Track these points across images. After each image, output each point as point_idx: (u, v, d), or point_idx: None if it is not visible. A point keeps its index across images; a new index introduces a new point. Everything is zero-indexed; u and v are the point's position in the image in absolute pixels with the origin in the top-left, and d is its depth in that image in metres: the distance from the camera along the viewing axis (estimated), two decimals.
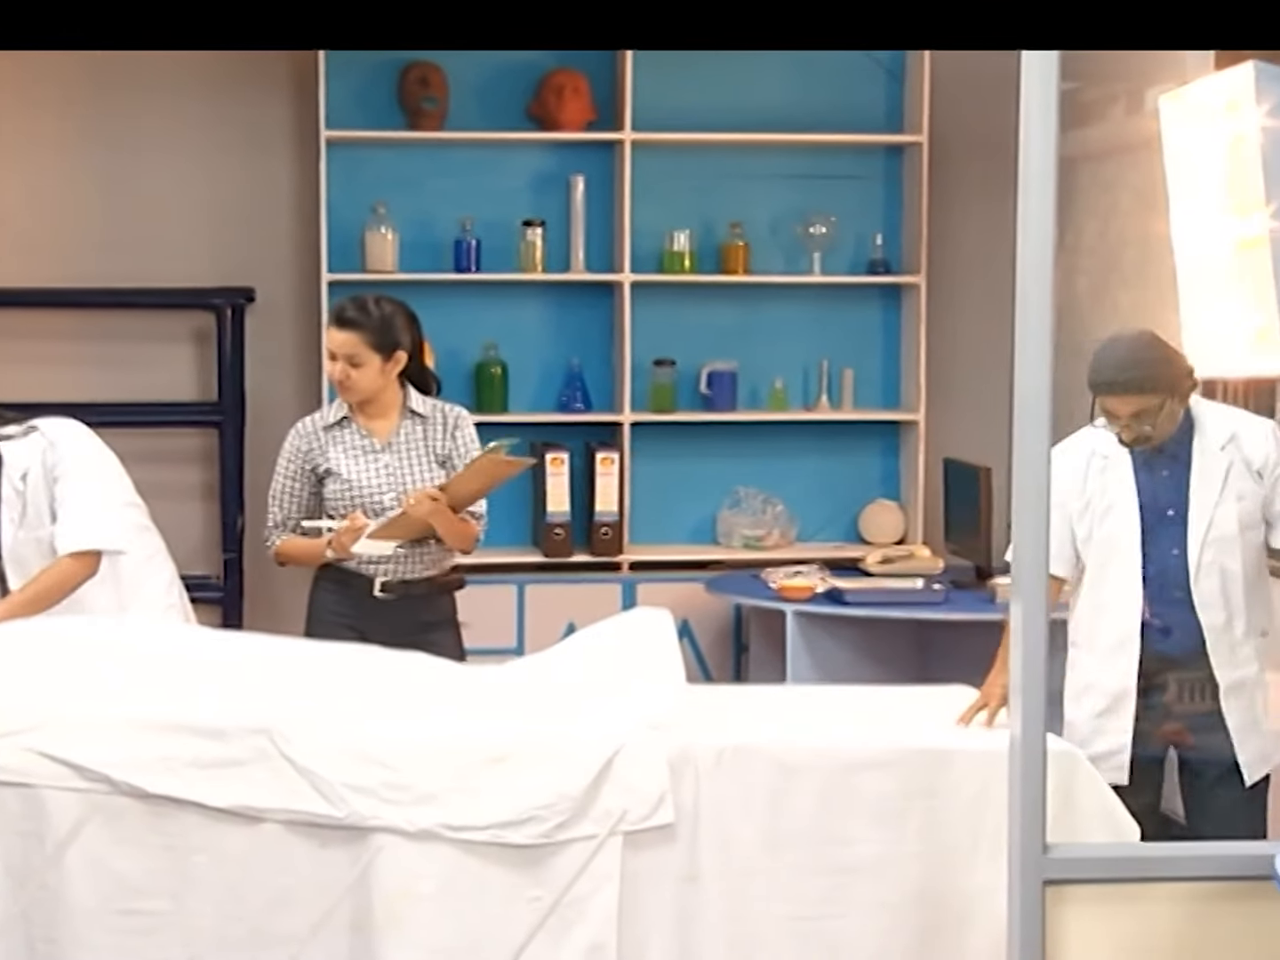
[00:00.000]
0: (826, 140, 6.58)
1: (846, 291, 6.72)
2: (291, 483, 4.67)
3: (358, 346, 4.52)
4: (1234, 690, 4.14)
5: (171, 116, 6.50)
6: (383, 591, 4.61)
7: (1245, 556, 4.13)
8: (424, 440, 4.65)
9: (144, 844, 3.64)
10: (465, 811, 3.64)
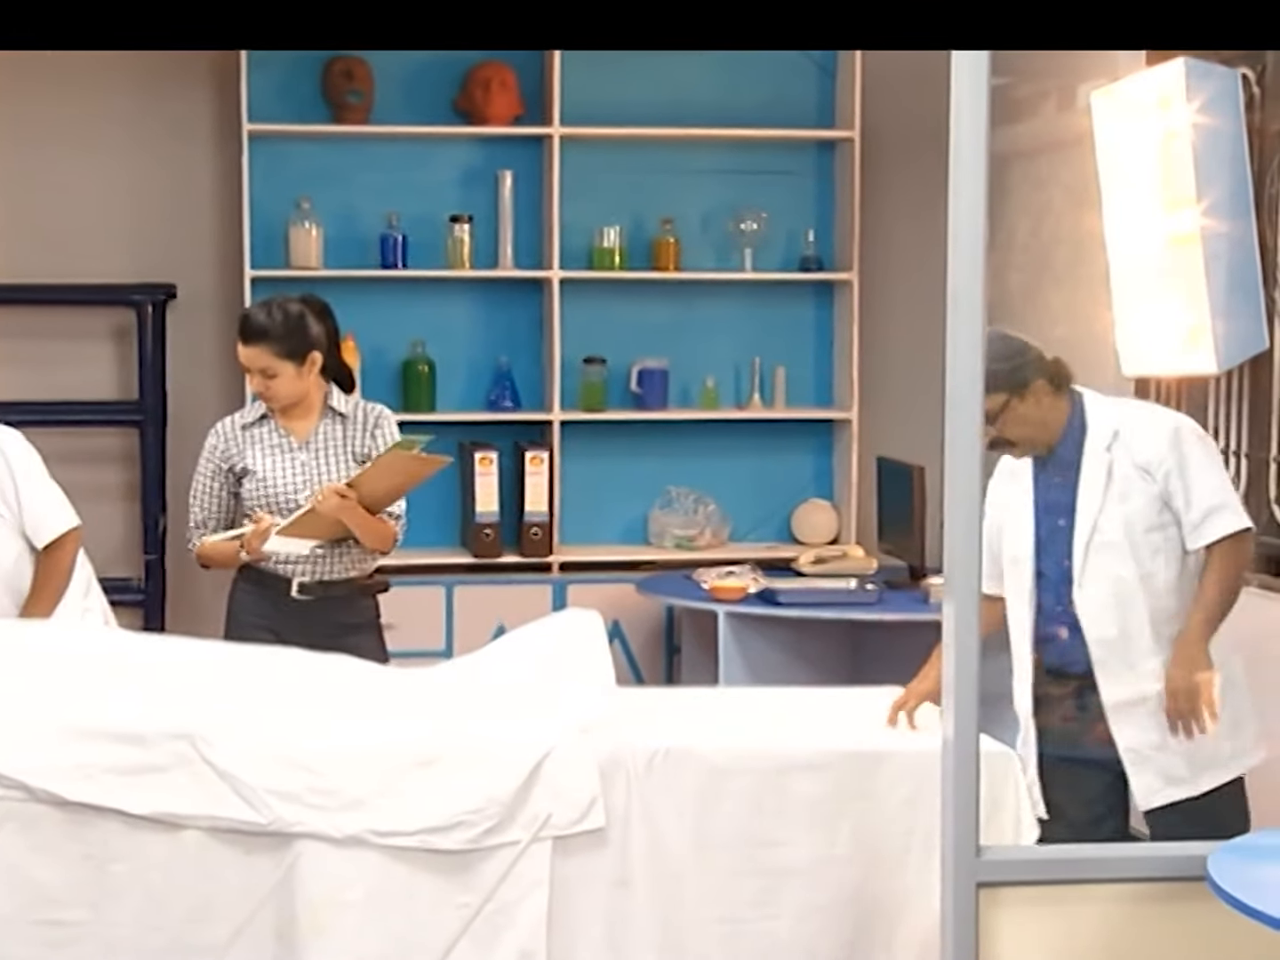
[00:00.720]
0: (758, 135, 6.60)
1: (778, 288, 6.74)
2: (210, 482, 4.66)
3: (268, 359, 4.51)
4: (1126, 709, 3.92)
5: (90, 108, 6.45)
6: (300, 593, 4.59)
7: (1148, 562, 3.91)
8: (343, 439, 4.63)
9: (62, 852, 3.61)
10: (393, 817, 3.63)
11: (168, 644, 4.32)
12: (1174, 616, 3.90)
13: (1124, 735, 3.91)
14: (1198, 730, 3.80)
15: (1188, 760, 3.87)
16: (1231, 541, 3.86)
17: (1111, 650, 3.91)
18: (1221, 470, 3.96)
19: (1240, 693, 3.93)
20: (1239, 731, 3.92)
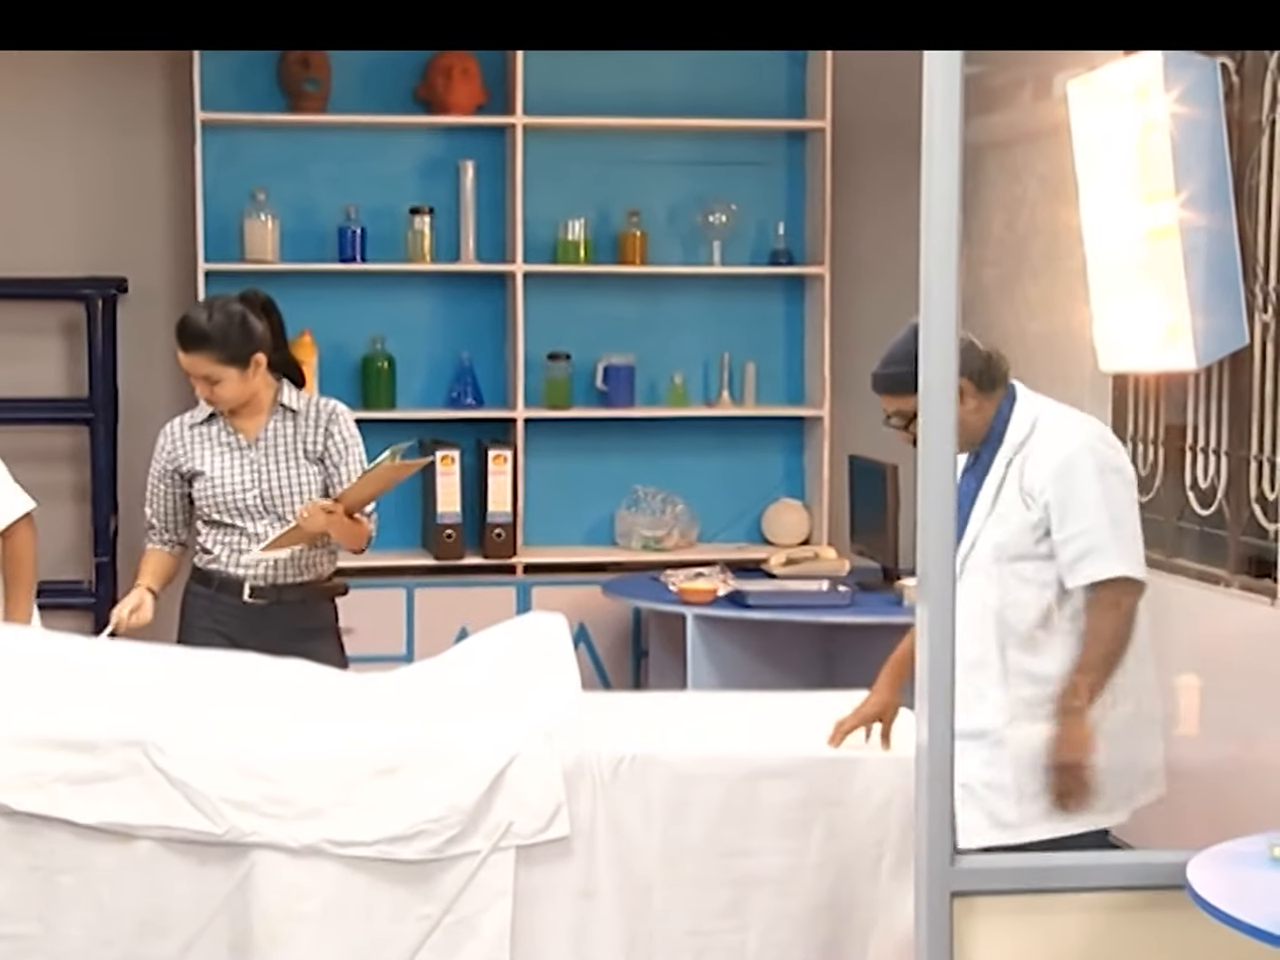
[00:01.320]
0: (727, 126, 6.60)
1: (748, 282, 6.75)
2: (159, 484, 4.67)
3: (209, 366, 4.50)
4: (967, 740, 3.44)
5: (35, 94, 6.41)
6: (252, 597, 4.58)
7: (1013, 591, 3.66)
8: (294, 436, 4.63)
9: (8, 864, 3.60)
10: (351, 826, 3.63)
11: (119, 648, 4.29)
12: (1035, 654, 3.63)
13: (961, 767, 3.58)
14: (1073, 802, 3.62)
15: (1018, 806, 3.62)
16: (1109, 590, 3.60)
17: (963, 676, 3.57)
18: (1117, 506, 3.64)
19: (1132, 739, 3.68)
20: (1109, 787, 3.64)
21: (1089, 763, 3.59)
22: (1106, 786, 3.66)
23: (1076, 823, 3.64)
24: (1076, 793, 3.62)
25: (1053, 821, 3.63)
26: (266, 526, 4.56)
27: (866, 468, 6.31)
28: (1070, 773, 3.60)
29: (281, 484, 4.57)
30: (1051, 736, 3.58)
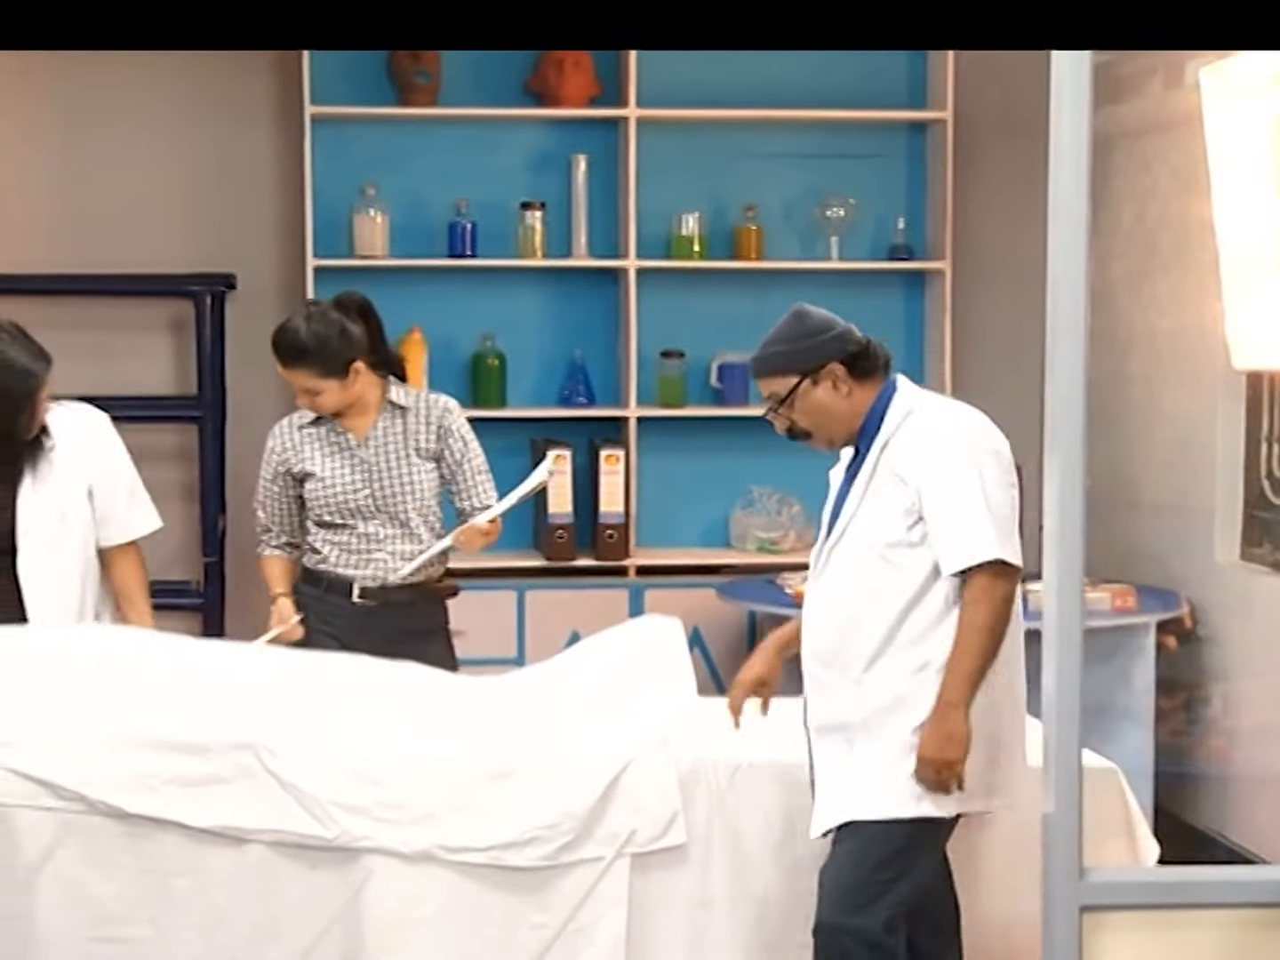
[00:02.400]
0: (845, 117, 6.58)
1: (866, 278, 6.72)
2: (271, 485, 4.73)
3: (308, 380, 4.57)
4: (827, 732, 3.63)
5: (144, 88, 6.49)
6: (361, 598, 4.64)
7: (881, 576, 3.59)
8: (404, 434, 4.67)
9: (121, 867, 3.66)
10: (464, 832, 3.66)
11: (230, 650, 4.35)
12: (900, 645, 3.57)
13: (818, 754, 3.65)
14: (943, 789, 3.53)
15: (879, 785, 3.58)
16: (984, 575, 3.53)
17: (825, 665, 3.63)
18: (991, 490, 3.59)
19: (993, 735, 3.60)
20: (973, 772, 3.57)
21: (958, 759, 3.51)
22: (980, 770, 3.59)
23: (934, 806, 3.56)
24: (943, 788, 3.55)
25: (905, 801, 3.56)
26: (378, 526, 4.61)
27: None
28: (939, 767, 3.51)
29: (393, 483, 4.61)
30: (941, 759, 3.50)
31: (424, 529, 4.65)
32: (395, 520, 4.60)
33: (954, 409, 3.75)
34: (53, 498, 4.39)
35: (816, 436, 3.73)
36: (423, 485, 4.65)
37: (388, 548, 4.64)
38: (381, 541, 4.63)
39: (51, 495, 4.39)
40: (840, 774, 3.60)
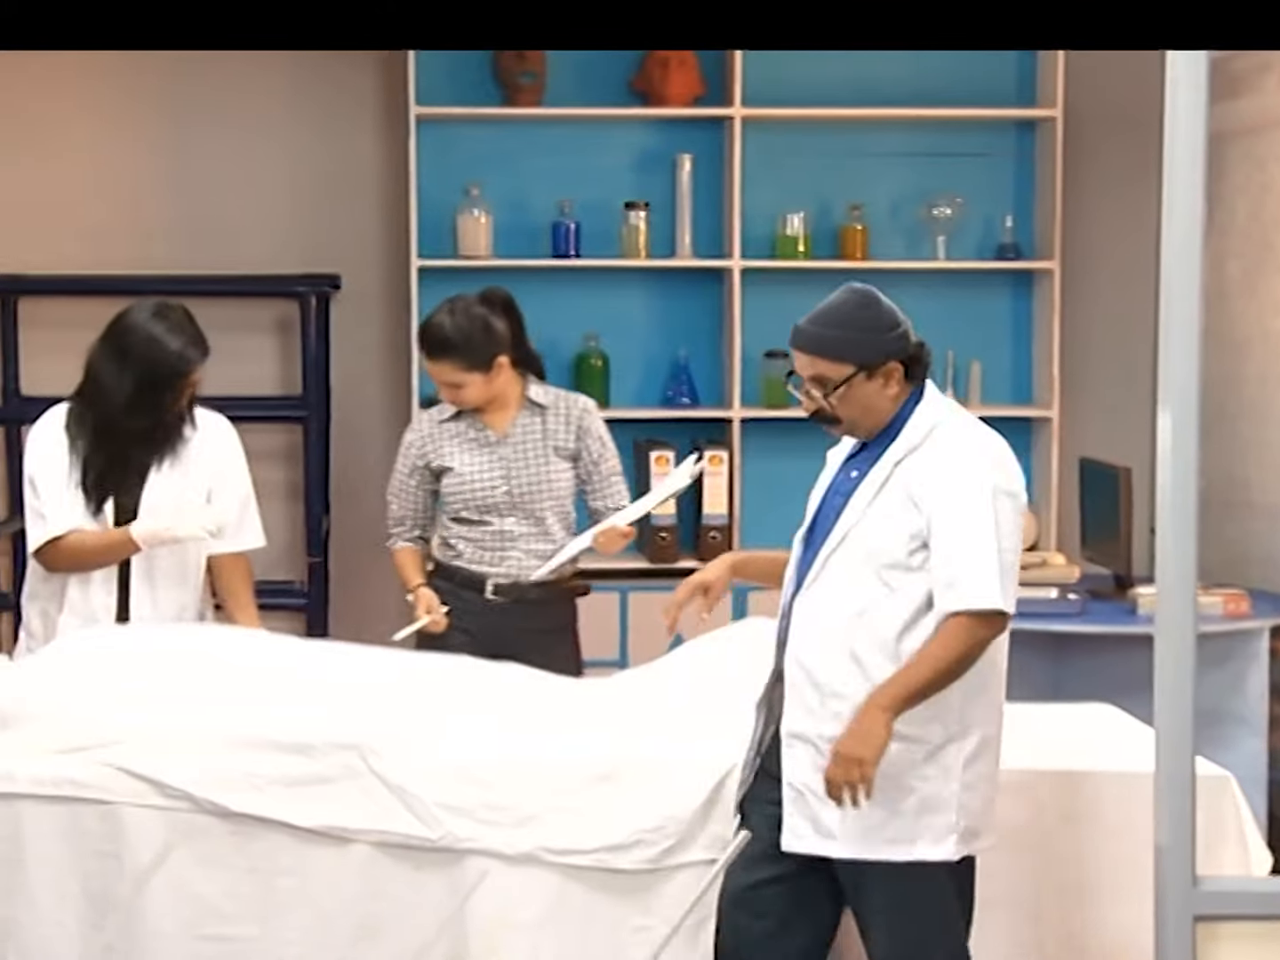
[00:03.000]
0: (953, 115, 6.55)
1: (974, 278, 6.69)
2: (408, 479, 4.79)
3: (454, 373, 4.63)
4: (800, 742, 3.50)
5: (250, 89, 6.55)
6: (495, 594, 4.68)
7: (875, 596, 3.46)
8: (542, 432, 4.73)
9: (228, 865, 3.70)
10: (568, 834, 3.67)
11: (334, 651, 4.38)
12: (885, 670, 3.43)
13: (791, 767, 3.51)
14: (849, 804, 3.36)
15: (841, 820, 3.44)
16: (973, 619, 3.42)
17: (808, 676, 3.50)
18: (1004, 533, 3.46)
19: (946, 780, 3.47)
20: (921, 820, 3.45)
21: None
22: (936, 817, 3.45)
23: (898, 849, 3.44)
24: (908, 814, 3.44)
25: (868, 843, 3.45)
26: (514, 524, 4.65)
27: (1098, 471, 6.23)
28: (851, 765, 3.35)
29: (531, 481, 4.66)
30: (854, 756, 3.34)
31: (559, 527, 4.69)
32: (531, 518, 4.65)
33: (978, 437, 3.58)
34: (176, 491, 4.46)
35: (844, 427, 3.59)
36: (560, 484, 4.70)
37: (522, 545, 4.68)
38: (516, 539, 4.67)
39: (176, 489, 4.47)
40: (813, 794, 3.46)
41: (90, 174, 6.52)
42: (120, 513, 4.46)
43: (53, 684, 4.03)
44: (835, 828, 3.44)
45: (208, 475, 4.54)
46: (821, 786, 3.41)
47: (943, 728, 3.47)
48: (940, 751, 3.47)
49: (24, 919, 3.73)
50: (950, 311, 6.71)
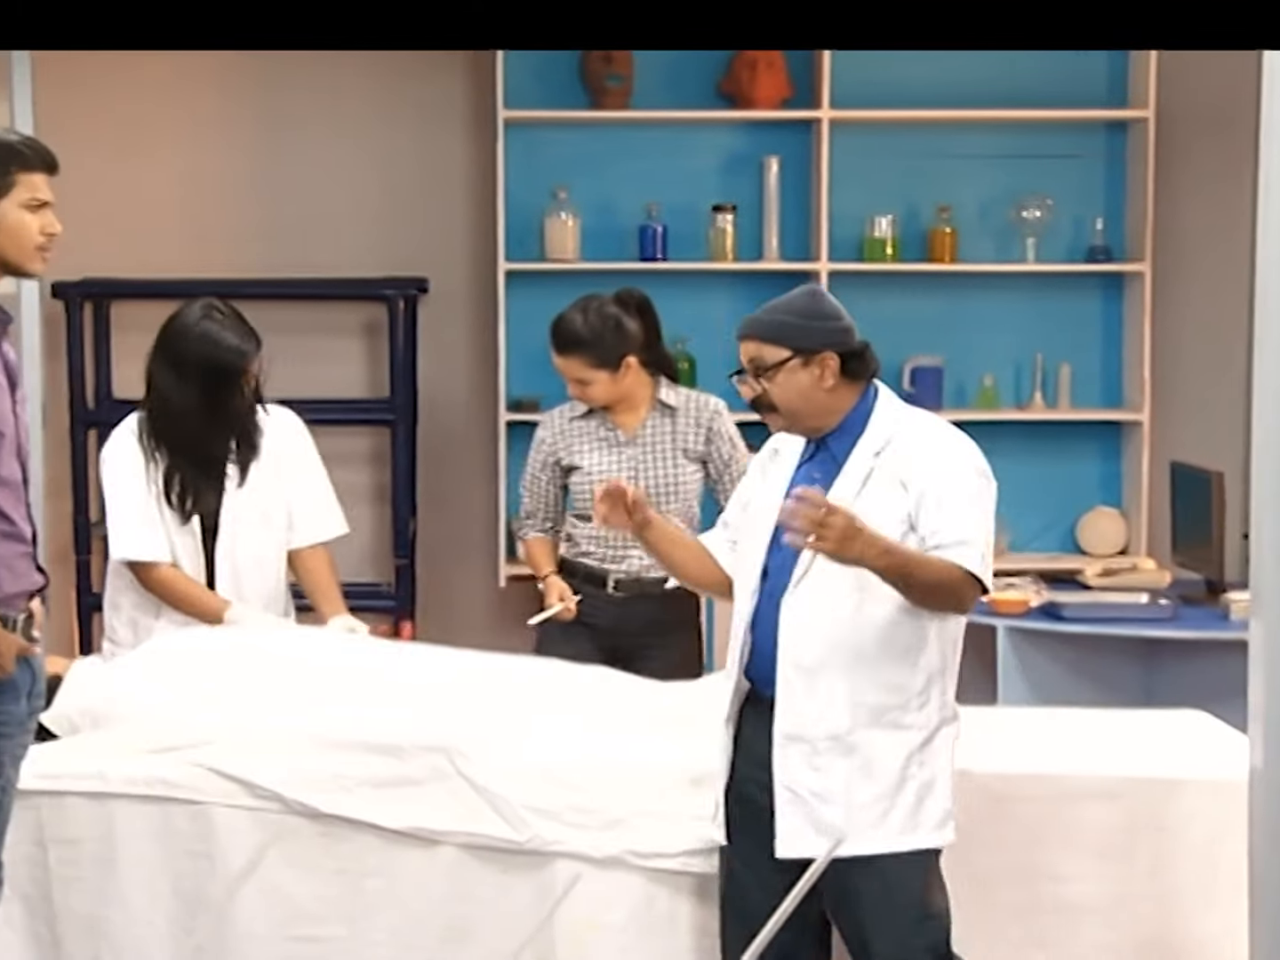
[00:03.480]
0: (1043, 117, 6.51)
1: (1064, 281, 6.65)
2: (540, 474, 4.86)
3: (581, 369, 4.66)
4: (795, 743, 3.47)
5: (340, 96, 6.59)
6: (617, 590, 4.72)
7: (870, 587, 3.41)
8: (672, 434, 4.76)
9: (317, 867, 3.72)
10: (654, 838, 3.67)
11: (422, 653, 4.41)
12: (883, 661, 3.45)
13: (784, 769, 3.48)
14: (804, 536, 3.27)
15: (846, 814, 3.44)
16: (966, 578, 3.41)
17: (802, 674, 3.47)
18: (987, 515, 3.50)
19: (938, 766, 3.49)
20: (921, 806, 3.46)
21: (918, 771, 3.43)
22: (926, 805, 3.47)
23: (907, 839, 3.46)
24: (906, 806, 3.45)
25: (881, 835, 3.45)
26: None
27: (1189, 475, 6.18)
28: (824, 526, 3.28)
29: (659, 481, 4.69)
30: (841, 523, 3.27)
31: (684, 529, 4.70)
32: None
33: (946, 425, 3.63)
34: (255, 489, 4.51)
35: (783, 417, 3.56)
36: (687, 486, 4.74)
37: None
38: None
39: (255, 486, 4.52)
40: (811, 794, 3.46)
41: (183, 178, 6.58)
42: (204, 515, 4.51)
43: (143, 684, 4.07)
44: (839, 825, 3.42)
45: (282, 475, 4.59)
46: (819, 785, 3.43)
47: (938, 713, 3.49)
48: (935, 736, 3.49)
49: (116, 918, 3.77)
50: (1040, 314, 6.68)
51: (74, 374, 6.39)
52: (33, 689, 3.53)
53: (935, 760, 3.50)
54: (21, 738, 3.52)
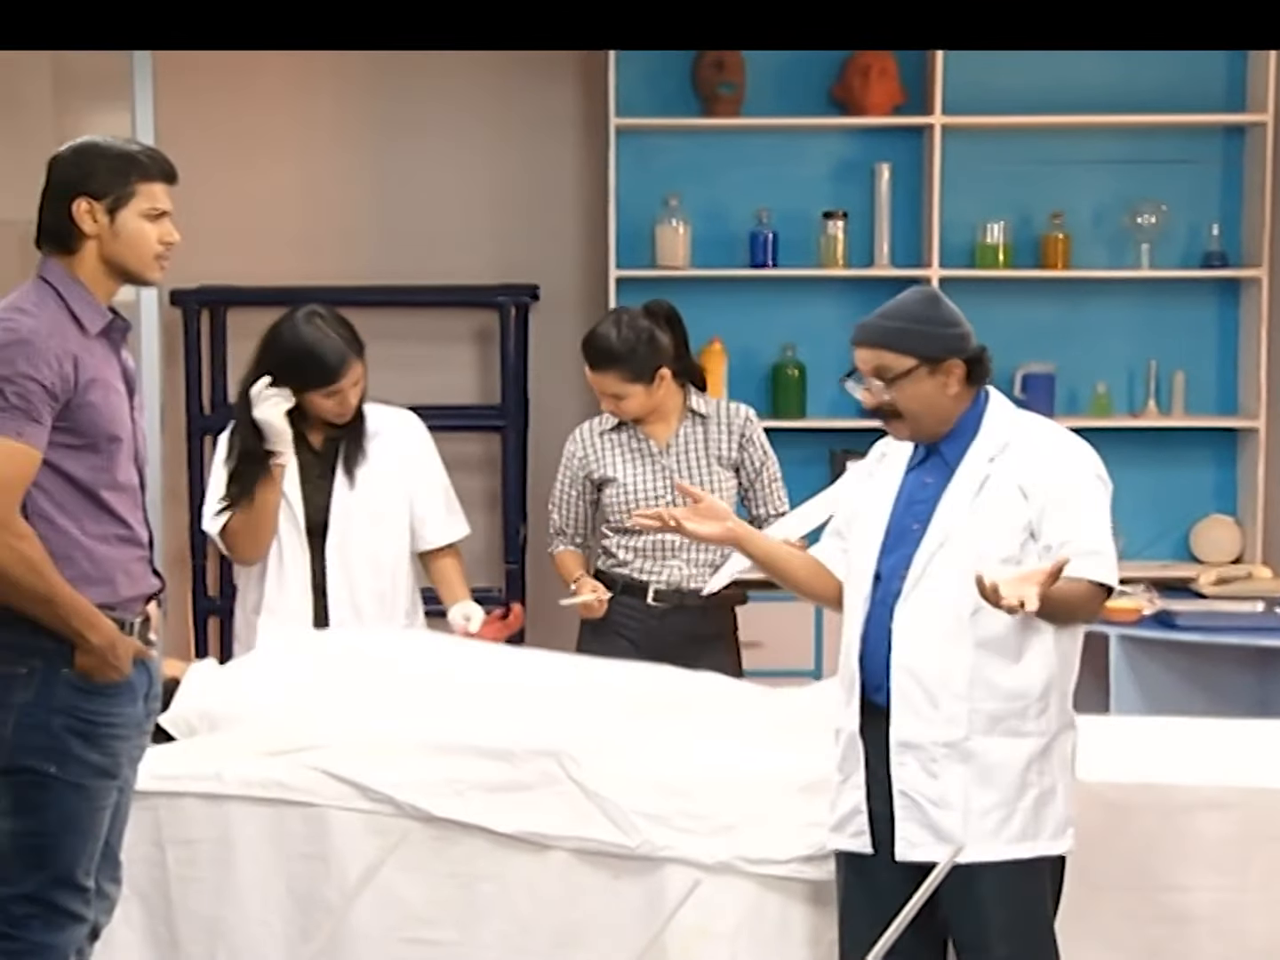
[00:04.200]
0: (1157, 122, 6.45)
1: (1178, 287, 6.58)
2: (570, 490, 4.83)
3: (616, 384, 4.66)
4: (913, 750, 3.47)
5: (453, 104, 6.64)
6: (656, 601, 4.70)
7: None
8: (705, 442, 4.75)
9: (429, 870, 3.74)
10: (765, 844, 3.67)
11: (532, 658, 4.43)
12: (1000, 668, 3.44)
13: (902, 776, 3.47)
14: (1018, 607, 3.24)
15: (964, 822, 3.44)
16: (1097, 590, 3.42)
17: (917, 682, 3.46)
18: (1109, 521, 3.49)
19: (1058, 774, 3.49)
20: (1040, 813, 3.46)
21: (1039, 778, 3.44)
22: (1046, 811, 3.47)
23: (1026, 847, 3.45)
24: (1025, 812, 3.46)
25: (1000, 842, 3.44)
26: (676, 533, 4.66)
27: None
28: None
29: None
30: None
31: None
32: None
33: (1062, 430, 3.61)
34: (369, 491, 4.57)
35: (907, 425, 3.54)
36: (723, 493, 4.71)
37: (682, 555, 4.70)
38: (678, 549, 4.69)
39: (368, 488, 4.57)
40: (929, 801, 3.45)
41: (298, 187, 6.64)
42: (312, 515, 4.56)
43: (258, 688, 4.12)
44: (957, 832, 3.42)
45: (404, 477, 4.64)
46: (937, 793, 3.43)
47: (1057, 720, 3.49)
48: (1054, 743, 3.49)
49: (232, 918, 3.81)
50: (1153, 321, 6.62)
51: (191, 380, 6.46)
52: (149, 691, 3.58)
53: (1055, 768, 3.49)
54: (138, 739, 3.57)
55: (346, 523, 4.57)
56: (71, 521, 3.42)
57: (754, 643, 5.03)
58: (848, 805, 3.54)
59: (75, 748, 3.41)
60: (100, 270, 3.48)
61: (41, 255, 3.51)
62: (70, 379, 3.37)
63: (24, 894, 3.43)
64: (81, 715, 3.41)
